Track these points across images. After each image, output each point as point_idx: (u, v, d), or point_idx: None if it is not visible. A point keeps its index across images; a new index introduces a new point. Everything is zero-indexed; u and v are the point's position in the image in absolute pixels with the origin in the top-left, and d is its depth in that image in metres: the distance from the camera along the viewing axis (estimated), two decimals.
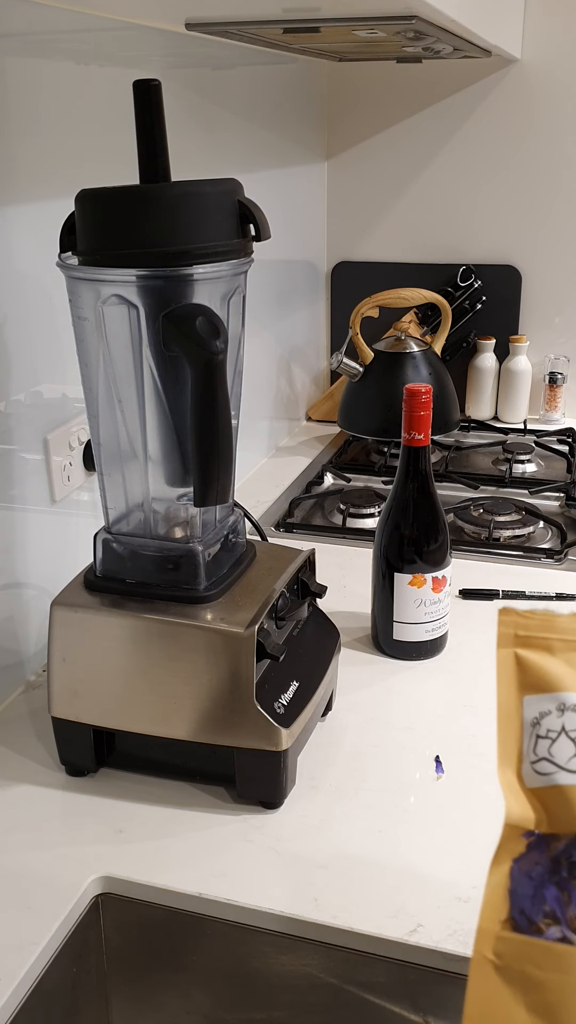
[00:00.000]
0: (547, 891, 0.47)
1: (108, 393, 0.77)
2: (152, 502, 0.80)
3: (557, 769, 0.49)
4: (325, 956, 0.70)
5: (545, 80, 1.62)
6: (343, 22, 0.99)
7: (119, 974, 0.78)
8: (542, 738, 0.50)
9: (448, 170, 1.72)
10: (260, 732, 0.77)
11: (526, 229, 1.72)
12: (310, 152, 1.70)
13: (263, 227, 0.73)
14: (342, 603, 1.13)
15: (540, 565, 1.22)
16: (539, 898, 0.47)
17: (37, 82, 0.91)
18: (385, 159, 1.75)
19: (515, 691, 0.51)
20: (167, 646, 0.78)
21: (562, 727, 0.49)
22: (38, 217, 0.92)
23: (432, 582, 0.98)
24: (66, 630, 0.80)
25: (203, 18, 0.98)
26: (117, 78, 1.02)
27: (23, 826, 0.79)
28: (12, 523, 0.94)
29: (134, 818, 0.80)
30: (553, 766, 0.49)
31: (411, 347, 1.57)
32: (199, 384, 0.69)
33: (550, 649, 0.51)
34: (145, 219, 0.69)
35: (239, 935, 0.72)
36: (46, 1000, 0.68)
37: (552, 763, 0.49)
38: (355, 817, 0.80)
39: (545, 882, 0.47)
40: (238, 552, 0.85)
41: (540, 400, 1.77)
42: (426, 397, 0.94)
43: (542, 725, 0.50)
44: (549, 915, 0.46)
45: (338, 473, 1.53)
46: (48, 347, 0.97)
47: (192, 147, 1.24)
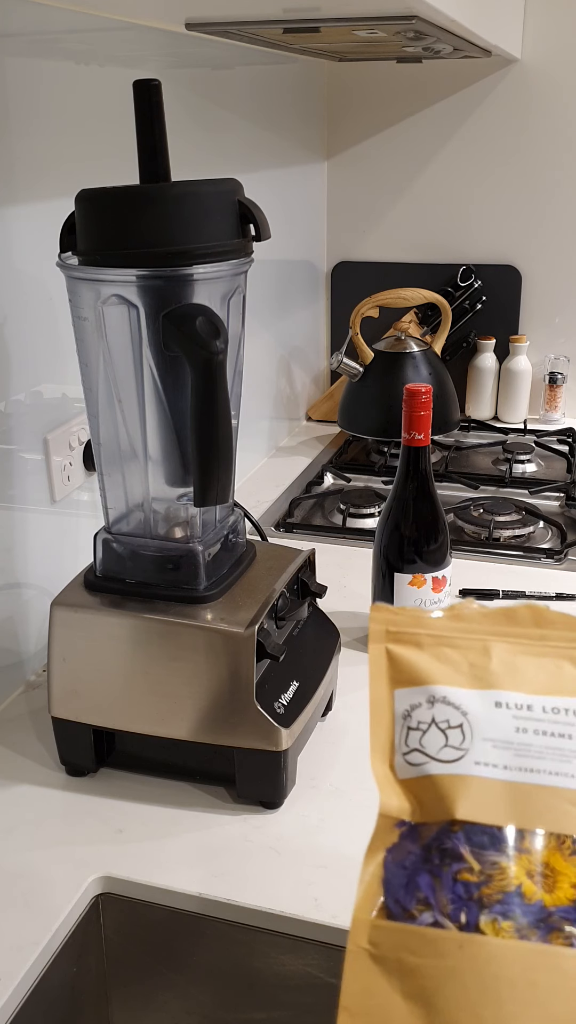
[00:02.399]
0: (420, 878, 0.48)
1: (108, 393, 0.77)
2: (152, 502, 0.80)
3: (428, 759, 0.50)
4: (325, 956, 0.70)
5: (545, 80, 1.62)
6: (343, 22, 0.99)
7: (119, 974, 0.78)
8: (413, 730, 0.51)
9: (448, 170, 1.73)
10: (260, 732, 0.77)
11: (526, 229, 1.72)
12: (310, 152, 1.70)
13: (263, 227, 0.73)
14: (342, 603, 1.13)
15: (540, 565, 1.22)
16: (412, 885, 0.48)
17: (37, 82, 0.91)
18: (385, 159, 1.75)
19: (386, 685, 0.52)
20: (167, 646, 0.78)
21: (432, 718, 0.51)
22: (38, 217, 0.92)
23: (432, 582, 0.98)
24: (66, 630, 0.80)
25: (203, 18, 0.98)
26: (117, 78, 1.02)
27: (23, 826, 0.79)
28: (12, 523, 0.94)
29: (134, 818, 0.80)
30: (424, 756, 0.50)
31: (411, 347, 1.57)
32: (199, 384, 0.69)
33: (419, 644, 0.53)
34: (145, 219, 0.69)
35: (239, 935, 0.72)
36: (46, 1000, 0.68)
37: (423, 754, 0.50)
38: (355, 817, 0.80)
39: (418, 870, 0.48)
40: (238, 552, 0.85)
41: (540, 400, 1.77)
42: (426, 397, 0.94)
43: (413, 717, 0.51)
44: (422, 901, 0.47)
45: (338, 473, 1.53)
46: (48, 347, 0.97)
47: (192, 147, 1.24)
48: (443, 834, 0.48)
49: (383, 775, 0.51)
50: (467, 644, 0.52)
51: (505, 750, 0.49)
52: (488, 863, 0.47)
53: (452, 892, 0.47)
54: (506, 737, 0.50)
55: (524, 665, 0.52)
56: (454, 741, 0.50)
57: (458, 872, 0.47)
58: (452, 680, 0.51)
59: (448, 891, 0.47)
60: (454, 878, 0.47)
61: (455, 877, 0.47)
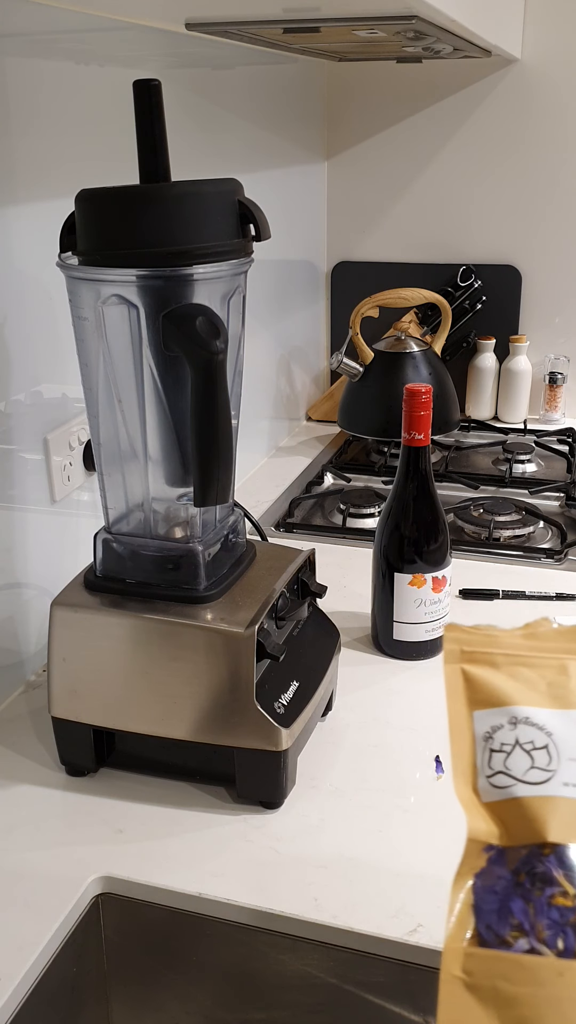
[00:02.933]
0: (513, 904, 0.47)
1: (108, 393, 0.77)
2: (152, 502, 0.80)
3: (514, 782, 0.49)
4: (325, 956, 0.70)
5: (545, 80, 1.62)
6: (343, 22, 0.99)
7: (119, 974, 0.78)
8: (496, 752, 0.50)
9: (448, 170, 1.72)
10: (260, 732, 0.77)
11: (526, 229, 1.72)
12: (310, 152, 1.70)
13: (263, 227, 0.73)
14: (342, 603, 1.13)
15: (540, 565, 1.22)
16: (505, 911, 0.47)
17: (37, 82, 0.91)
18: (385, 159, 1.75)
19: (465, 706, 0.52)
20: (167, 646, 0.78)
21: (516, 740, 0.50)
22: (38, 217, 0.92)
23: (432, 582, 0.98)
24: (66, 630, 0.80)
25: (203, 18, 0.98)
26: (117, 78, 1.02)
27: (23, 826, 0.79)
28: (12, 523, 0.94)
29: (134, 818, 0.80)
30: (510, 779, 0.49)
31: (411, 347, 1.57)
32: (199, 384, 0.69)
33: (494, 664, 0.52)
34: (145, 219, 0.69)
35: (239, 935, 0.72)
36: (46, 1000, 0.68)
37: (509, 776, 0.50)
38: (355, 817, 0.80)
39: (510, 895, 0.47)
40: (238, 552, 0.85)
41: (540, 400, 1.77)
42: (426, 397, 0.94)
43: (495, 739, 0.51)
44: (516, 928, 0.46)
45: (338, 473, 1.53)
46: (48, 347, 0.97)
47: (192, 147, 1.24)
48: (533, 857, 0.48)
49: (468, 798, 0.50)
50: (543, 663, 0.52)
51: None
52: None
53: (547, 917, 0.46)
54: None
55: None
56: (540, 762, 0.49)
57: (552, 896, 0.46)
58: (532, 700, 0.51)
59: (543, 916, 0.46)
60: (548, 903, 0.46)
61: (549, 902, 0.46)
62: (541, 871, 0.47)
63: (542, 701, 0.51)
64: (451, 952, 0.47)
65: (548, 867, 0.47)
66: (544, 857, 0.47)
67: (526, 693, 0.51)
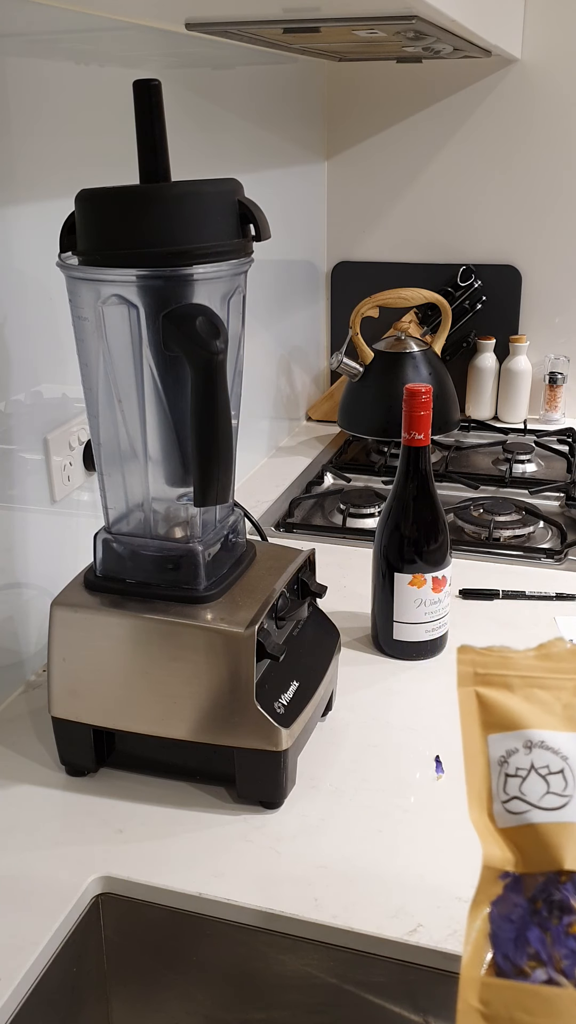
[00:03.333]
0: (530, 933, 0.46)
1: (108, 393, 0.77)
2: (152, 502, 0.80)
3: (530, 807, 0.48)
4: (325, 956, 0.70)
5: (545, 80, 1.62)
6: (343, 22, 0.99)
7: (119, 974, 0.78)
8: (511, 776, 0.49)
9: (448, 170, 1.72)
10: (260, 732, 0.77)
11: (526, 229, 1.72)
12: (310, 152, 1.70)
13: (263, 227, 0.73)
14: (342, 603, 1.13)
15: (540, 565, 1.22)
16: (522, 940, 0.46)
17: (37, 82, 0.91)
18: (385, 159, 1.75)
19: (479, 730, 0.51)
20: (167, 646, 0.78)
21: (531, 764, 0.49)
22: (38, 217, 0.92)
23: (432, 582, 0.98)
24: (66, 630, 0.80)
25: (203, 18, 0.98)
26: (117, 78, 1.02)
27: (23, 826, 0.79)
28: (12, 523, 0.94)
29: (134, 818, 0.80)
30: (526, 804, 0.49)
31: (411, 347, 1.57)
32: (199, 384, 0.69)
33: (509, 686, 0.51)
34: (145, 219, 0.69)
35: (239, 935, 0.72)
36: (46, 1000, 0.68)
37: (524, 801, 0.49)
38: (355, 817, 0.80)
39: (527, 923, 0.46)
40: (238, 552, 0.85)
41: (540, 400, 1.77)
42: (426, 397, 0.94)
43: (510, 763, 0.50)
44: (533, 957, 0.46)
45: (338, 473, 1.53)
46: (48, 347, 0.97)
47: (192, 147, 1.24)
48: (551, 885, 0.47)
49: (483, 825, 0.49)
50: (558, 684, 0.51)
51: None
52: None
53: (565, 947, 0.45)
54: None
55: None
56: (556, 787, 0.48)
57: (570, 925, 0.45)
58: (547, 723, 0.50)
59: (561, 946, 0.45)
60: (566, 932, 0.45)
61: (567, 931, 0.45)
62: (558, 899, 0.46)
63: (558, 724, 0.50)
64: (468, 982, 0.46)
65: (565, 895, 0.46)
66: (561, 885, 0.47)
67: (541, 716, 0.50)
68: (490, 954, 0.47)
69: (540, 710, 0.50)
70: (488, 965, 0.47)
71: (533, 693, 0.51)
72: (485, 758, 0.50)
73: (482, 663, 0.52)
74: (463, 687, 0.52)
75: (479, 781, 0.50)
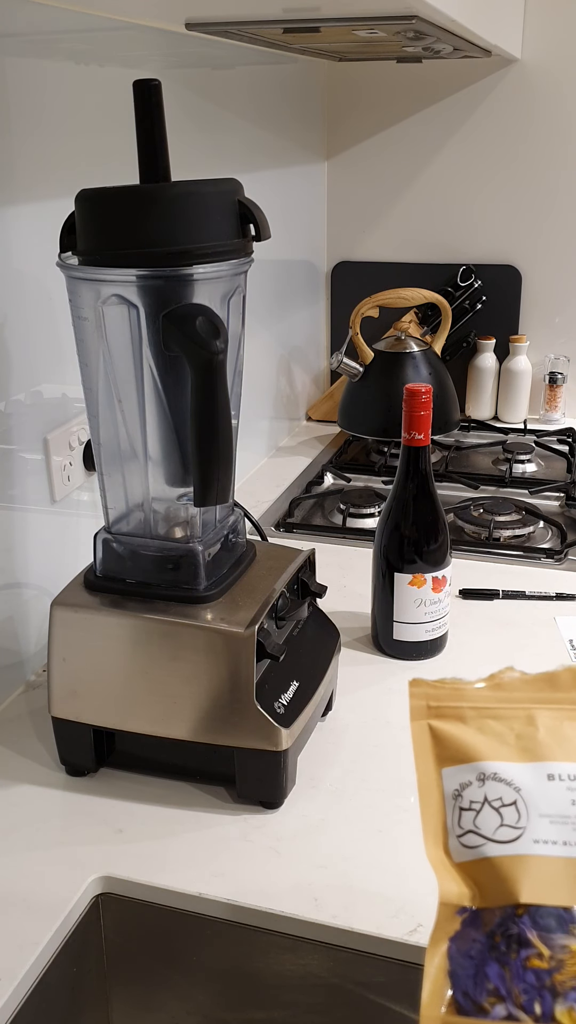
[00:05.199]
0: (489, 968, 0.46)
1: (108, 393, 0.77)
2: (152, 502, 0.80)
3: (484, 841, 0.48)
4: (325, 956, 0.70)
5: (545, 80, 1.62)
6: (343, 22, 0.99)
7: (119, 974, 0.78)
8: (466, 810, 0.49)
9: (448, 170, 1.72)
10: (260, 732, 0.77)
11: (526, 229, 1.72)
12: (310, 152, 1.70)
13: (263, 227, 0.73)
14: (342, 603, 1.13)
15: (540, 565, 1.22)
16: (481, 976, 0.46)
17: (37, 82, 0.91)
18: (385, 159, 1.75)
19: (433, 764, 0.51)
20: (167, 646, 0.78)
21: (484, 797, 0.49)
22: (38, 217, 0.92)
23: (432, 582, 0.98)
24: (66, 630, 0.80)
25: (203, 18, 0.98)
26: (117, 78, 1.02)
27: (23, 826, 0.79)
28: (12, 523, 0.94)
29: (134, 818, 0.80)
30: (480, 838, 0.48)
31: (411, 347, 1.57)
32: (199, 384, 0.69)
33: (462, 718, 0.51)
34: (145, 219, 0.69)
35: (239, 935, 0.72)
36: (46, 1000, 0.68)
37: (479, 835, 0.48)
38: (355, 817, 0.80)
39: (486, 959, 0.46)
40: (238, 552, 0.85)
41: (540, 400, 1.77)
42: (426, 397, 0.94)
43: (464, 797, 0.49)
44: (493, 993, 0.45)
45: (338, 473, 1.53)
46: (48, 347, 0.97)
47: (192, 147, 1.24)
48: (508, 919, 0.46)
49: (438, 860, 0.49)
50: (511, 714, 0.51)
51: (563, 825, 0.47)
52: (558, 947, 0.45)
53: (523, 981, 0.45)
54: (562, 811, 0.48)
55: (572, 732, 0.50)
56: (510, 820, 0.48)
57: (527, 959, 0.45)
58: (500, 755, 0.50)
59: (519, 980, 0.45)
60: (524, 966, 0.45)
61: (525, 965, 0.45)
62: (516, 933, 0.46)
63: (511, 755, 0.50)
64: (428, 1021, 0.45)
65: (522, 928, 0.46)
66: (518, 918, 0.46)
67: (494, 747, 0.50)
68: (450, 992, 0.46)
69: (493, 741, 0.50)
70: (448, 1003, 0.46)
71: (486, 724, 0.51)
72: (440, 792, 0.50)
73: (435, 696, 0.52)
74: (416, 721, 0.52)
75: (434, 816, 0.50)
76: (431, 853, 0.49)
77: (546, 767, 0.49)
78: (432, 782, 0.50)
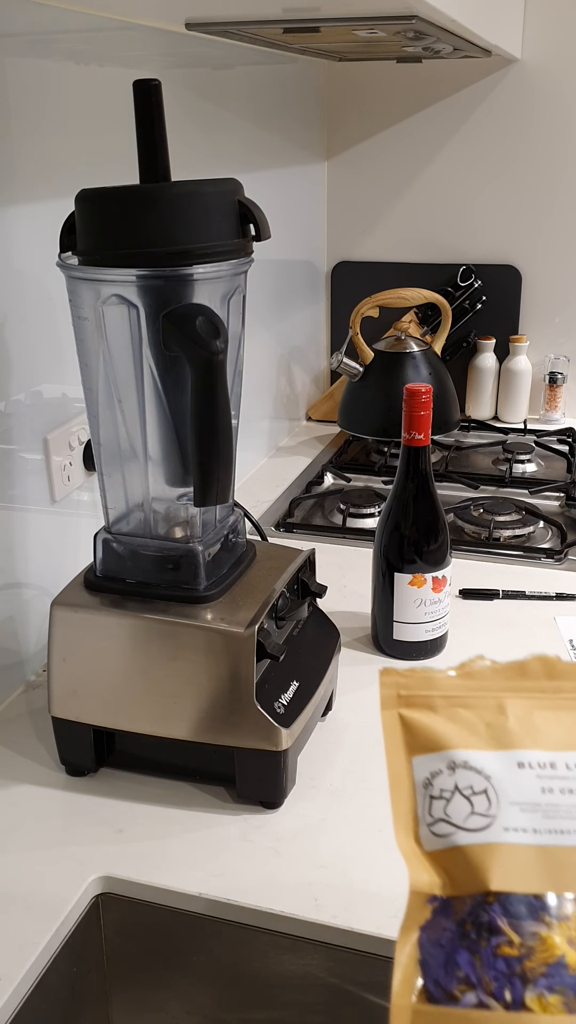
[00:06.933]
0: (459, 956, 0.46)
1: (108, 393, 0.77)
2: (152, 502, 0.80)
3: (455, 829, 0.48)
4: (325, 956, 0.70)
5: (545, 80, 1.62)
6: (343, 22, 0.99)
7: (119, 974, 0.78)
8: (436, 799, 0.49)
9: (448, 170, 1.73)
10: (260, 732, 0.77)
11: (526, 229, 1.72)
12: (310, 152, 1.70)
13: (263, 227, 0.73)
14: (342, 603, 1.13)
15: (540, 565, 1.22)
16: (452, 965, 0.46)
17: (37, 82, 0.91)
18: (385, 159, 1.75)
19: (403, 753, 0.50)
20: (167, 646, 0.78)
21: (455, 786, 0.49)
22: (38, 217, 0.92)
23: (432, 582, 0.98)
24: (66, 630, 0.80)
25: (203, 18, 0.98)
26: (117, 78, 1.02)
27: (23, 826, 0.79)
28: (12, 523, 0.94)
29: (134, 818, 0.80)
30: (451, 827, 0.48)
31: (411, 347, 1.57)
32: (199, 384, 0.69)
33: (432, 707, 0.51)
34: (145, 219, 0.69)
35: (239, 935, 0.72)
36: (46, 1000, 0.68)
37: (449, 823, 0.48)
38: (355, 817, 0.80)
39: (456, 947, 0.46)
40: (238, 552, 0.85)
41: (540, 400, 1.77)
42: (426, 397, 0.94)
43: (434, 785, 0.49)
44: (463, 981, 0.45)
45: (338, 473, 1.53)
46: (48, 347, 0.97)
47: (192, 147, 1.24)
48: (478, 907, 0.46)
49: (409, 849, 0.49)
50: (481, 703, 0.51)
51: (533, 813, 0.48)
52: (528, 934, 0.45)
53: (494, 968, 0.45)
54: (532, 799, 0.48)
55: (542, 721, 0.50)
56: (480, 808, 0.48)
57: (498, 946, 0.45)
58: (470, 743, 0.50)
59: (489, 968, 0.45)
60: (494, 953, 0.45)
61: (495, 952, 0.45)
62: (486, 921, 0.46)
63: (481, 743, 0.50)
64: (399, 1010, 0.45)
65: (493, 916, 0.46)
66: (488, 906, 0.46)
67: (465, 736, 0.50)
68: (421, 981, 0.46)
69: (463, 730, 0.50)
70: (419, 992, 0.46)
71: (457, 713, 0.51)
72: (410, 781, 0.50)
73: (405, 685, 0.52)
74: (386, 710, 0.51)
75: (405, 805, 0.50)
76: (401, 842, 0.49)
77: (516, 755, 0.49)
78: (402, 771, 0.50)
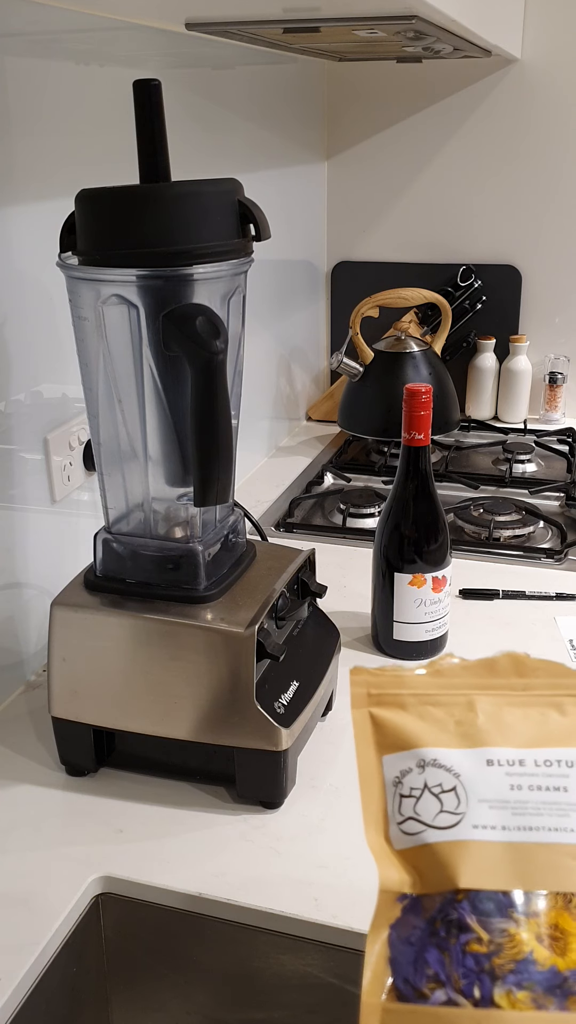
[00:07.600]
0: (429, 954, 0.46)
1: (108, 393, 0.77)
2: (152, 502, 0.80)
3: (424, 827, 0.48)
4: (325, 956, 0.70)
5: (545, 80, 1.62)
6: (343, 22, 0.99)
7: (119, 974, 0.78)
8: (406, 797, 0.49)
9: (448, 170, 1.72)
10: (260, 732, 0.77)
11: (526, 229, 1.72)
12: (310, 152, 1.70)
13: (263, 227, 0.73)
14: (342, 603, 1.13)
15: (540, 565, 1.22)
16: (421, 962, 0.46)
17: (37, 82, 0.91)
18: (385, 159, 1.75)
19: (373, 751, 0.51)
20: (167, 646, 0.78)
21: (424, 784, 0.49)
22: (38, 217, 0.92)
23: (432, 582, 0.98)
24: (66, 630, 0.80)
25: (203, 18, 0.98)
26: (117, 78, 1.02)
27: (23, 826, 0.79)
28: (12, 523, 0.94)
29: (134, 818, 0.80)
30: (420, 825, 0.48)
31: (411, 347, 1.57)
32: (199, 384, 0.69)
33: (402, 705, 0.51)
34: (145, 219, 0.69)
35: (239, 935, 0.72)
36: (46, 1000, 0.68)
37: (419, 822, 0.49)
38: (355, 817, 0.80)
39: (426, 945, 0.46)
40: (238, 552, 0.85)
41: (540, 400, 1.77)
42: (426, 397, 0.94)
43: (404, 784, 0.50)
44: (433, 979, 0.45)
45: (338, 473, 1.53)
46: (48, 347, 0.97)
47: (192, 147, 1.24)
48: (448, 905, 0.47)
49: (379, 847, 0.49)
50: (451, 700, 0.51)
51: (502, 810, 0.48)
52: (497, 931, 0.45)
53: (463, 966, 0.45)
54: (501, 796, 0.48)
55: (511, 718, 0.50)
56: (449, 806, 0.48)
57: (467, 944, 0.45)
58: (440, 741, 0.50)
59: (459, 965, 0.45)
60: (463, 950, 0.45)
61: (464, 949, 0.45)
62: (455, 918, 0.46)
63: (450, 741, 0.50)
64: (369, 1009, 0.46)
65: (462, 913, 0.46)
66: (458, 904, 0.46)
67: (434, 734, 0.50)
68: (391, 979, 0.46)
69: (433, 728, 0.50)
70: (389, 990, 0.46)
71: (427, 711, 0.51)
72: (380, 780, 0.50)
73: (375, 683, 0.52)
74: (357, 709, 0.52)
75: (375, 804, 0.50)
76: (371, 840, 0.50)
77: (485, 752, 0.49)
78: (373, 769, 0.51)
